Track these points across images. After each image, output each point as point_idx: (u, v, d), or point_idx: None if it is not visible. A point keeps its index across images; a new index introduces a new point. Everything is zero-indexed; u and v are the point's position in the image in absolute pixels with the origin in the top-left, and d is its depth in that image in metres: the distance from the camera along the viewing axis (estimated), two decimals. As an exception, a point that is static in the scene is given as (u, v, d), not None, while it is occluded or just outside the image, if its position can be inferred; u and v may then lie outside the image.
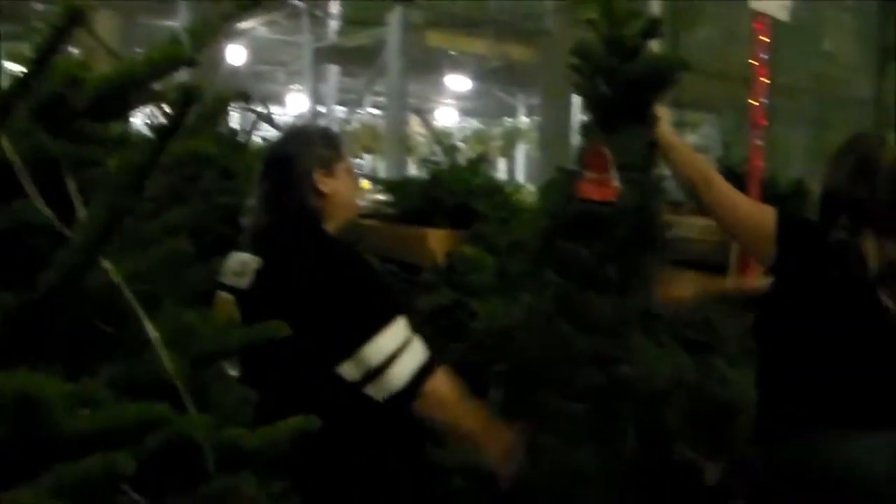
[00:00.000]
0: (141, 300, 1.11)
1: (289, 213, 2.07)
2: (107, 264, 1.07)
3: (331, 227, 2.10)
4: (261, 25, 16.00)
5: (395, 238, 4.58)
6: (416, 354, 1.95)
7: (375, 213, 5.23)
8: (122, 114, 1.31)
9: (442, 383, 1.99)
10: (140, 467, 0.93)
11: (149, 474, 0.96)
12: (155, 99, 1.38)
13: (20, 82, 1.18)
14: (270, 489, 1.18)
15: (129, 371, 1.07)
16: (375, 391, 1.91)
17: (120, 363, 1.08)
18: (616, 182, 2.69)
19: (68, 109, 1.23)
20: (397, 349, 1.91)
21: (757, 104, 4.23)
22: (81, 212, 1.13)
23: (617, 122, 2.82)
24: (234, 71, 14.39)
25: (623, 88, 2.84)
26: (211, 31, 1.30)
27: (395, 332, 1.93)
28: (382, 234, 4.62)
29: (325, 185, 2.08)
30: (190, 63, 1.23)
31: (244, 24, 15.17)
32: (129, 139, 1.36)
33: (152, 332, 1.05)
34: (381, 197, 5.82)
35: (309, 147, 2.11)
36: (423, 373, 1.95)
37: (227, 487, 1.04)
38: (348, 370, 1.91)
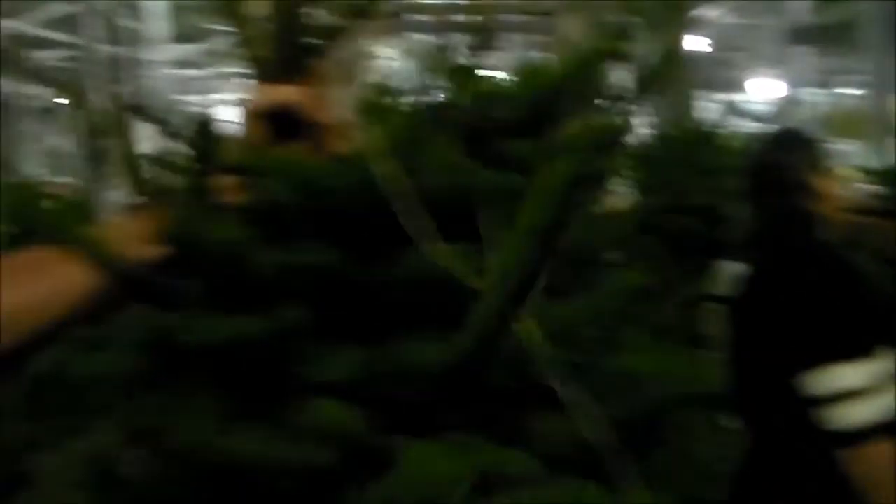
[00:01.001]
0: (571, 350, 0.91)
1: (782, 219, 2.04)
2: (527, 324, 0.86)
3: (822, 231, 2.03)
4: (725, 11, 15.61)
5: (890, 234, 4.11)
6: (870, 407, 1.68)
7: (865, 206, 4.74)
8: (546, 130, 1.05)
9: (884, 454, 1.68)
10: None
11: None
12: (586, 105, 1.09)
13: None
14: None
15: (548, 438, 0.88)
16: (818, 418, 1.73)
17: (537, 428, 0.89)
18: None
19: (488, 126, 1.03)
20: (852, 390, 1.70)
21: None
22: (495, 258, 0.92)
23: None
24: (695, 59, 14.15)
25: None
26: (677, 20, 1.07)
27: (855, 371, 1.71)
28: (876, 230, 4.15)
29: (816, 188, 2.05)
30: (622, 58, 1.02)
31: (710, 12, 14.86)
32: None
33: (571, 394, 0.86)
34: (869, 188, 5.29)
35: (799, 151, 2.09)
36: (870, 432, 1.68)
37: None
38: (805, 384, 1.75)
